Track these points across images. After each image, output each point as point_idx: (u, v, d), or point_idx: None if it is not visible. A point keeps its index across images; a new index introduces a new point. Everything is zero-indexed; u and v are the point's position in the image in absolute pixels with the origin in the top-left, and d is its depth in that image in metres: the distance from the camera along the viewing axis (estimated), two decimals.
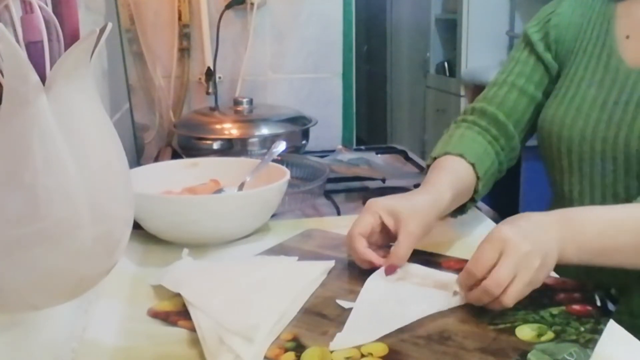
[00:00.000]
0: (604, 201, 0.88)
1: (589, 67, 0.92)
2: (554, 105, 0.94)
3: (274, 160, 1.07)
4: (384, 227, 0.81)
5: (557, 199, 0.97)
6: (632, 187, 0.85)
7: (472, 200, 0.94)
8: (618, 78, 0.88)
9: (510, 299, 0.66)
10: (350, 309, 0.70)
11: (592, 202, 0.89)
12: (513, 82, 0.99)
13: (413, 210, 0.80)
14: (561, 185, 0.94)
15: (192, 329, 0.66)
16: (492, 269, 0.67)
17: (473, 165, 0.91)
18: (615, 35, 0.92)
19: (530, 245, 0.67)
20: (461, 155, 0.92)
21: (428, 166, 0.95)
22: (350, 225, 0.96)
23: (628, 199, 0.86)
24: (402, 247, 0.78)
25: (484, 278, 0.67)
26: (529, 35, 1.00)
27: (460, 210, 0.94)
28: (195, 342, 0.64)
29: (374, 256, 0.78)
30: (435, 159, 0.94)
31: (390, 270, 0.77)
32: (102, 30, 0.48)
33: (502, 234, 0.68)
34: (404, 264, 0.79)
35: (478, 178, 0.92)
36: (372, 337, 0.64)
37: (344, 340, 0.63)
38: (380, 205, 0.81)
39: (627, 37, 0.90)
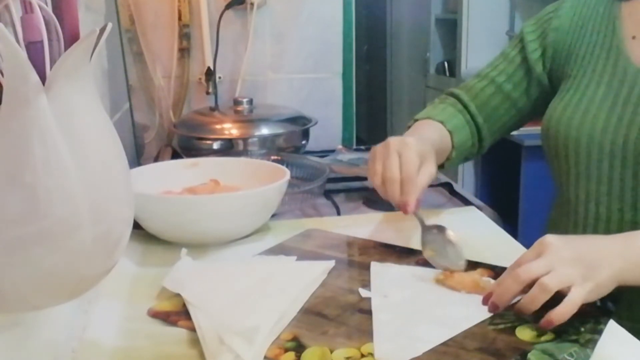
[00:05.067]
0: (609, 204, 0.88)
1: (596, 68, 0.92)
2: (560, 106, 0.93)
3: (274, 160, 1.07)
4: None
5: (561, 202, 0.97)
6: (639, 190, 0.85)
7: (441, 166, 1.00)
8: (626, 79, 0.88)
9: (550, 281, 0.64)
10: (350, 309, 0.70)
11: (597, 205, 0.89)
12: (494, 78, 1.04)
13: (432, 151, 0.87)
14: (567, 188, 0.94)
15: (192, 329, 0.66)
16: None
17: (450, 132, 0.99)
18: (621, 35, 0.91)
19: (572, 253, 0.67)
20: (442, 122, 0.99)
21: (408, 127, 1.01)
22: (351, 225, 0.97)
23: (634, 202, 0.85)
24: (423, 180, 0.82)
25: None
26: (524, 34, 1.02)
27: None
28: (195, 342, 0.64)
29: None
30: (416, 121, 1.01)
31: (416, 205, 0.81)
32: (102, 30, 0.48)
33: (544, 239, 0.69)
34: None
35: (453, 146, 0.99)
36: (417, 351, 0.62)
37: (388, 354, 0.62)
38: (417, 146, 0.84)
39: (634, 37, 0.90)
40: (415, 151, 0.83)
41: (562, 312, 0.63)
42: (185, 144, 1.40)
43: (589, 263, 0.67)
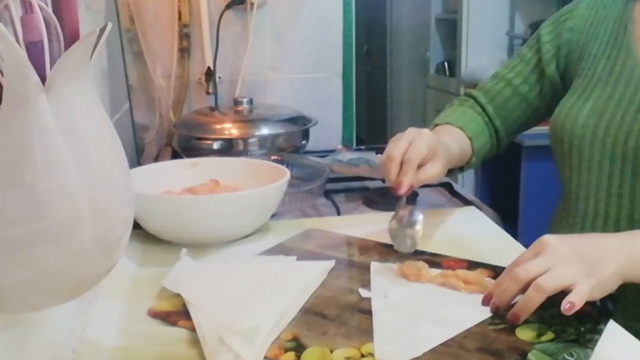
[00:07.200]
0: (608, 201, 0.89)
1: (605, 68, 0.93)
2: (568, 104, 0.95)
3: (274, 160, 1.07)
4: None
5: (565, 197, 0.98)
6: (638, 188, 0.86)
7: (461, 169, 1.02)
8: (633, 78, 0.89)
9: (545, 281, 0.64)
10: (350, 309, 0.70)
11: (597, 202, 0.90)
12: (510, 80, 1.05)
13: (446, 154, 0.88)
14: (569, 183, 0.95)
15: (192, 329, 0.66)
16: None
17: (470, 139, 1.00)
18: (632, 36, 0.92)
19: (571, 251, 0.67)
20: (461, 129, 1.00)
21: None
22: (351, 225, 0.97)
23: (632, 199, 0.86)
24: (427, 176, 0.83)
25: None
26: (540, 35, 1.03)
27: (449, 172, 1.00)
28: (195, 342, 0.64)
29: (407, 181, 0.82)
30: (436, 125, 1.02)
31: (408, 190, 0.82)
32: (102, 30, 0.48)
33: (542, 239, 0.69)
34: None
35: (473, 151, 1.01)
36: (418, 351, 0.62)
37: (388, 354, 0.62)
38: (430, 139, 0.85)
39: None
40: (426, 142, 0.83)
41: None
42: (185, 144, 1.40)
43: (591, 260, 0.67)
